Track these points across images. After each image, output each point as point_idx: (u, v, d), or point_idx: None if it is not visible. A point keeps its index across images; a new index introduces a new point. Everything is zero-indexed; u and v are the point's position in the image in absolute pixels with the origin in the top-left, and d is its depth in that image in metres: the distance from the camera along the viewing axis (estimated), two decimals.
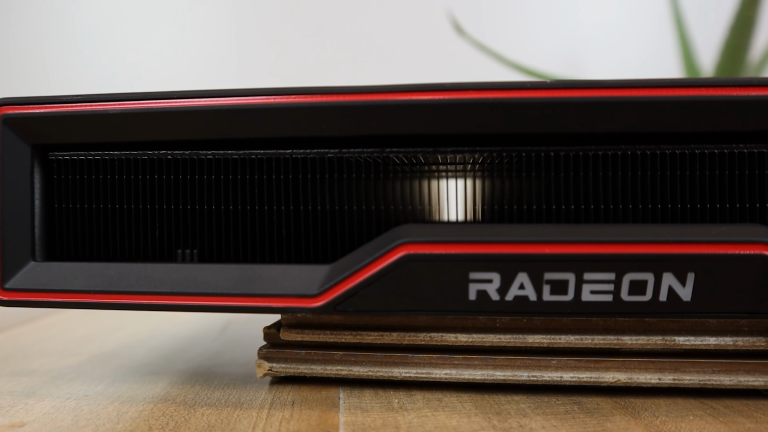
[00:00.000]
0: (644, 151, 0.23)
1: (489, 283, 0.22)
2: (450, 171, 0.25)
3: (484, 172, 0.24)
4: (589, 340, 0.24)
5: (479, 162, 0.24)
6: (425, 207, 0.24)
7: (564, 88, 0.22)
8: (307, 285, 0.23)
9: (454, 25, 0.72)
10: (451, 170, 0.25)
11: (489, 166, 0.24)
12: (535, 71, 0.77)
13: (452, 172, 0.25)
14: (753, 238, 0.21)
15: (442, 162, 0.24)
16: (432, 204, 0.24)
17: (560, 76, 0.87)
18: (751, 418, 0.23)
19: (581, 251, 0.21)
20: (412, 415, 0.23)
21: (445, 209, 0.25)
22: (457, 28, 0.72)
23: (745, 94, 0.22)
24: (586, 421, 0.22)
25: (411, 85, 0.22)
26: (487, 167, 0.24)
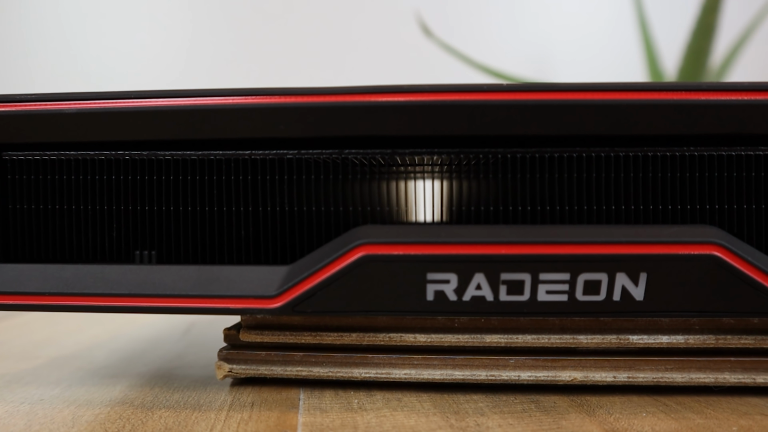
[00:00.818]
0: (599, 154, 0.23)
1: (446, 284, 0.22)
2: (410, 172, 0.25)
3: (443, 174, 0.24)
4: (545, 340, 0.25)
5: (440, 164, 0.24)
6: (385, 208, 0.24)
7: (518, 91, 0.22)
8: (266, 286, 0.23)
9: (422, 27, 0.73)
10: (411, 171, 0.25)
11: (450, 168, 0.24)
12: (503, 73, 0.78)
13: (412, 173, 0.25)
14: (703, 239, 0.22)
15: (402, 163, 0.24)
16: (392, 205, 0.24)
17: (528, 79, 0.88)
18: (701, 414, 0.23)
19: (536, 252, 0.22)
20: (371, 415, 0.23)
21: (407, 210, 0.25)
22: (424, 30, 0.72)
23: (695, 99, 0.22)
24: (542, 420, 0.23)
25: (367, 87, 0.22)
26: (447, 169, 0.24)
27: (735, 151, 0.23)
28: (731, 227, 0.23)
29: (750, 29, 0.83)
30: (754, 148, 0.23)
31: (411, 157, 0.24)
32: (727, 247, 0.22)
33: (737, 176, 0.23)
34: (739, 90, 0.22)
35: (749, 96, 0.22)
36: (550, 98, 0.22)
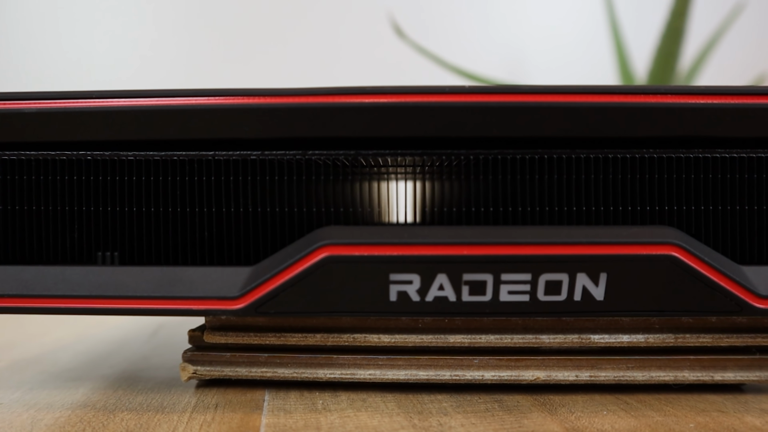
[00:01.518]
0: (560, 156, 0.24)
1: (409, 285, 0.22)
2: (376, 173, 0.25)
3: (407, 175, 0.25)
4: (508, 340, 0.25)
5: (405, 165, 0.24)
6: (349, 209, 0.24)
7: (480, 93, 0.22)
8: (229, 287, 0.23)
9: (395, 28, 0.73)
10: (376, 173, 0.25)
11: (415, 170, 0.25)
12: (476, 75, 0.78)
13: (377, 174, 0.25)
14: (661, 240, 0.22)
15: (367, 165, 0.25)
16: (356, 206, 0.24)
17: (502, 81, 0.89)
18: (660, 411, 0.24)
19: (498, 253, 0.22)
20: (335, 415, 0.23)
21: (373, 211, 0.25)
22: (397, 31, 0.72)
23: (653, 102, 0.23)
24: (505, 419, 0.23)
25: (330, 89, 0.22)
26: (413, 170, 0.25)
27: (692, 153, 0.24)
28: (689, 228, 0.24)
29: (718, 34, 0.84)
30: (711, 150, 0.24)
31: (375, 159, 0.24)
32: (685, 247, 0.22)
33: (695, 178, 0.24)
34: (696, 94, 0.23)
35: (706, 99, 0.23)
36: (511, 100, 0.22)
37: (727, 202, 0.24)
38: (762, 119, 0.23)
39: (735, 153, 0.24)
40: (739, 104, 0.23)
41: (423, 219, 0.24)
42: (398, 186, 0.25)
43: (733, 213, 0.24)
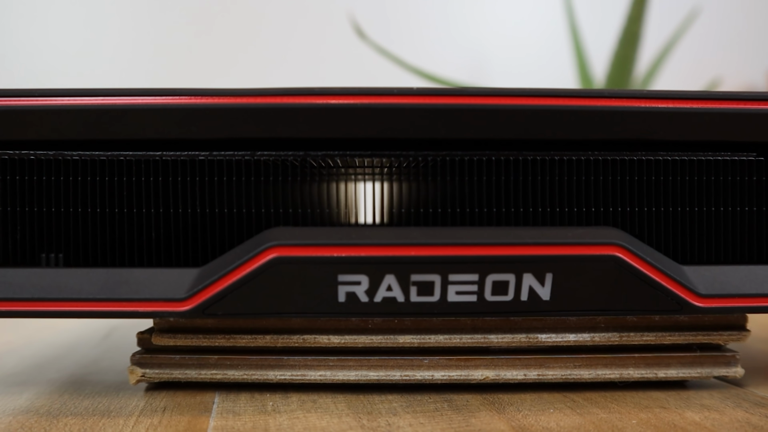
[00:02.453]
0: (507, 158, 0.24)
1: (357, 285, 0.22)
2: (325, 174, 0.25)
3: (356, 176, 0.25)
4: (457, 340, 0.25)
5: (355, 166, 0.24)
6: (298, 210, 0.24)
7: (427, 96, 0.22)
8: (176, 289, 0.23)
9: (356, 29, 0.73)
10: (326, 173, 0.25)
11: (364, 170, 0.25)
12: (437, 77, 0.79)
13: (326, 175, 0.25)
14: (605, 240, 0.23)
15: (317, 165, 0.24)
16: (305, 207, 0.24)
17: (463, 83, 0.90)
18: (605, 408, 0.24)
19: (445, 253, 0.22)
20: (284, 417, 0.23)
21: (324, 212, 0.25)
22: (358, 32, 0.72)
23: (599, 105, 0.23)
24: (453, 418, 0.23)
25: (278, 90, 0.22)
26: (363, 171, 0.25)
27: (636, 156, 0.24)
28: (633, 229, 0.24)
29: (674, 39, 0.86)
30: (654, 153, 0.24)
31: (324, 160, 0.24)
32: (627, 248, 0.23)
33: (638, 180, 0.24)
34: (639, 98, 0.23)
35: (649, 104, 0.23)
36: (457, 103, 0.22)
37: (669, 204, 0.24)
38: (702, 123, 0.24)
39: (677, 156, 0.24)
40: (680, 108, 0.23)
41: (380, 220, 0.25)
42: (348, 187, 0.25)
43: (675, 214, 0.24)
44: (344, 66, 0.91)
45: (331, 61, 0.92)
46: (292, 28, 0.93)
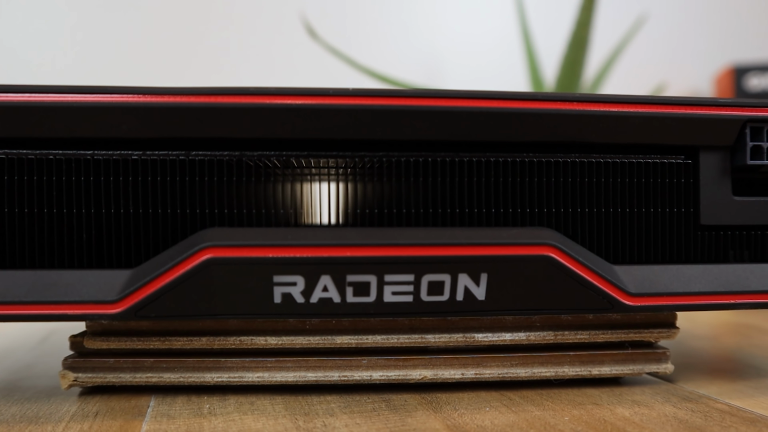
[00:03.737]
0: (444, 159, 0.24)
1: (293, 286, 0.22)
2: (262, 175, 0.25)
3: (294, 176, 0.25)
4: (395, 340, 0.25)
5: (293, 166, 0.24)
6: (233, 210, 0.24)
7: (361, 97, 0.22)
8: (107, 291, 0.22)
9: (307, 28, 0.73)
10: (262, 174, 0.25)
11: (302, 171, 0.25)
12: (390, 78, 0.79)
13: (263, 175, 0.25)
14: (538, 241, 0.23)
15: (255, 166, 0.24)
16: (243, 207, 0.24)
17: (417, 84, 0.90)
18: (540, 406, 0.25)
19: (380, 254, 0.22)
20: (220, 419, 0.23)
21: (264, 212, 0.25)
22: (309, 31, 0.72)
23: (533, 108, 0.24)
24: (390, 418, 0.23)
25: (213, 89, 0.22)
26: (301, 172, 0.25)
27: (570, 158, 0.25)
28: (566, 230, 0.25)
29: (622, 44, 0.88)
30: (587, 155, 0.25)
31: (261, 160, 0.24)
32: (560, 248, 0.23)
33: (572, 182, 0.25)
34: (572, 101, 0.24)
35: (581, 107, 0.24)
36: (390, 104, 0.22)
37: (601, 205, 0.25)
38: (632, 126, 0.24)
39: (609, 158, 0.25)
40: (611, 112, 0.24)
41: (320, 221, 0.24)
42: (288, 187, 0.25)
43: (607, 215, 0.25)
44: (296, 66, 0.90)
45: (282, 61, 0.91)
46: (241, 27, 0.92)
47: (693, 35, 1.09)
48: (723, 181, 0.26)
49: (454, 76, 1.00)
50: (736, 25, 1.11)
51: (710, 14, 1.10)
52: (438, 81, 0.98)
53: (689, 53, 1.09)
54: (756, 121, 0.25)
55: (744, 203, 0.26)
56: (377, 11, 0.98)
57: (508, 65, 0.99)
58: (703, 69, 1.08)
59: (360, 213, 0.24)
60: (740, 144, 0.25)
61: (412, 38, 0.99)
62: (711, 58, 1.08)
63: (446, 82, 0.98)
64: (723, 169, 0.26)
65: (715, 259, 0.26)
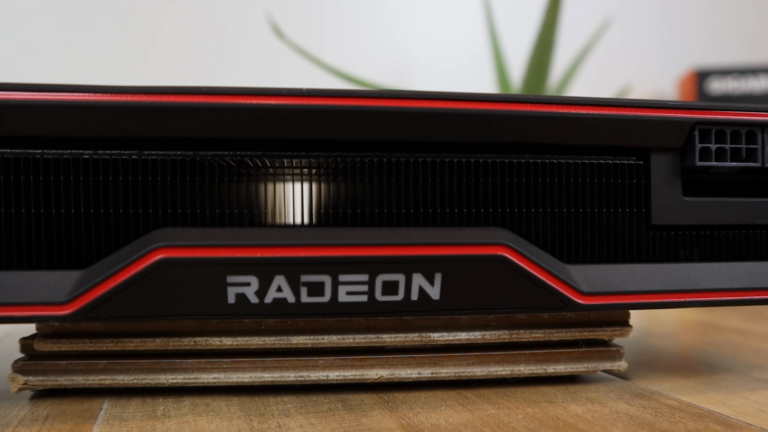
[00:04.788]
0: (399, 159, 0.24)
1: (247, 287, 0.22)
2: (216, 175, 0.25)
3: (249, 176, 0.24)
4: (351, 340, 0.25)
5: (247, 166, 0.24)
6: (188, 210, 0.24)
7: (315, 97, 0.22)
8: (56, 292, 0.22)
9: (273, 28, 0.72)
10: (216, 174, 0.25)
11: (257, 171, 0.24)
12: (358, 78, 0.79)
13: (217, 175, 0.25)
14: (492, 241, 0.23)
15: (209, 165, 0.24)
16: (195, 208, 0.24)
17: (385, 85, 0.90)
18: (495, 404, 0.25)
19: (334, 254, 0.22)
20: (173, 421, 0.23)
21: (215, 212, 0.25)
22: (276, 31, 0.72)
23: (487, 109, 0.24)
24: (345, 418, 0.23)
25: (165, 88, 0.22)
26: (257, 171, 0.24)
27: (524, 158, 0.25)
28: (521, 230, 0.25)
29: (588, 47, 0.89)
30: (541, 156, 0.25)
31: (214, 159, 0.23)
32: (514, 248, 0.23)
33: (526, 182, 0.25)
34: (526, 102, 0.24)
35: (535, 108, 0.24)
36: (344, 104, 0.22)
37: (555, 205, 0.25)
38: (585, 127, 0.25)
39: (562, 159, 0.25)
40: (565, 113, 0.24)
41: (276, 221, 0.24)
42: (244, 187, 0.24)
43: (561, 215, 0.25)
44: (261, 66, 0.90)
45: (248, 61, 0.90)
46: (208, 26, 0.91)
47: (658, 38, 1.11)
48: (673, 182, 0.26)
49: (423, 78, 1.00)
50: (700, 28, 1.13)
51: (675, 18, 1.13)
52: (407, 82, 0.99)
53: (654, 56, 1.11)
54: (704, 123, 0.26)
55: (694, 204, 0.26)
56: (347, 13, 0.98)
57: (477, 66, 1.00)
58: (667, 72, 1.10)
59: (316, 213, 0.24)
60: (689, 146, 0.26)
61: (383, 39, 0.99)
62: (675, 62, 1.10)
63: (415, 83, 0.99)
64: (673, 170, 0.26)
65: (666, 258, 0.26)
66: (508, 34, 0.94)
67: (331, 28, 0.96)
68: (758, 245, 0.28)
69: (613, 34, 1.00)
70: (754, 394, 0.27)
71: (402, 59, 1.00)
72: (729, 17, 1.14)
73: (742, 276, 0.27)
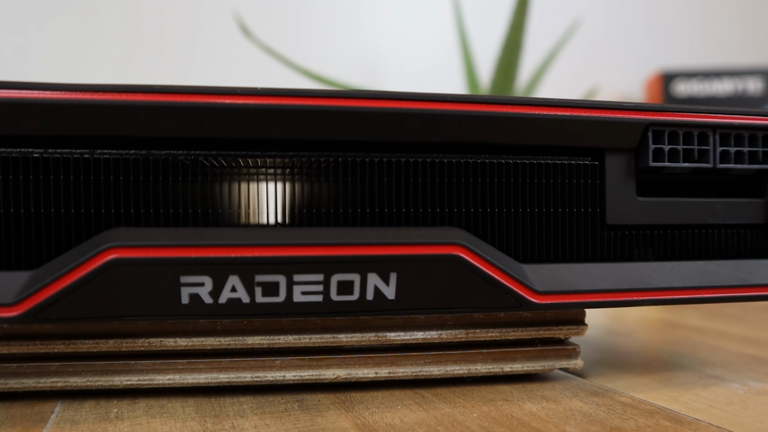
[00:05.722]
0: (354, 159, 0.24)
1: (201, 287, 0.22)
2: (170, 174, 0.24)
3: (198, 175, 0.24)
4: (307, 339, 0.25)
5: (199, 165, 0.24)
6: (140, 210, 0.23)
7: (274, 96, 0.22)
8: (4, 293, 0.21)
9: (240, 27, 0.72)
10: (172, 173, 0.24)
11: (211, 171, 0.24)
12: (326, 78, 0.79)
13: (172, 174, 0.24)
14: (447, 240, 0.24)
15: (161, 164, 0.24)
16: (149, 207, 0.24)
17: (355, 85, 0.90)
18: (451, 403, 0.25)
19: (289, 254, 0.22)
20: (126, 424, 0.23)
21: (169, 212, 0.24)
22: (243, 30, 0.71)
23: (442, 109, 0.24)
24: (300, 418, 0.23)
25: (111, 86, 0.22)
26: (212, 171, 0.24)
27: (480, 159, 0.25)
28: (477, 229, 0.25)
29: (557, 48, 0.90)
30: (497, 156, 0.25)
31: (167, 158, 0.23)
32: (469, 247, 0.24)
33: (482, 182, 0.25)
34: (482, 103, 0.24)
35: (491, 109, 0.24)
36: (300, 103, 0.22)
37: (511, 205, 0.25)
38: (541, 128, 0.25)
39: (518, 159, 0.25)
40: (521, 114, 0.25)
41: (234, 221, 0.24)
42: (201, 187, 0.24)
43: (516, 215, 0.25)
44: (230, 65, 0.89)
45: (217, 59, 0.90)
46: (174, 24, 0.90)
47: (625, 41, 1.13)
48: (628, 182, 0.27)
49: (393, 78, 1.00)
50: (667, 31, 1.15)
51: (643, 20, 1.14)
52: (378, 83, 0.99)
53: (622, 59, 1.13)
54: (657, 124, 0.26)
55: (648, 203, 0.27)
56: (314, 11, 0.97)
57: (448, 67, 1.00)
58: (634, 74, 1.12)
59: (272, 213, 0.24)
60: (643, 147, 0.26)
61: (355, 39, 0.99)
62: (642, 64, 1.12)
63: (386, 84, 0.99)
64: (628, 170, 0.27)
65: (621, 257, 0.27)
66: (478, 35, 0.95)
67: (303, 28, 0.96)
68: (710, 245, 0.28)
69: (581, 36, 1.01)
70: (705, 390, 0.27)
71: (373, 60, 1.00)
72: (696, 20, 1.17)
73: (694, 275, 0.27)
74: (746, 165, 0.27)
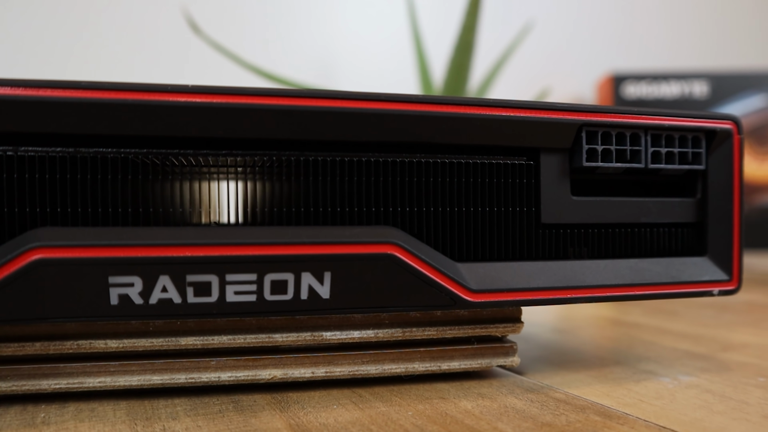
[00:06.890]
0: (288, 158, 0.24)
1: (130, 287, 0.22)
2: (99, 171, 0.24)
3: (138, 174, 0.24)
4: (242, 340, 0.25)
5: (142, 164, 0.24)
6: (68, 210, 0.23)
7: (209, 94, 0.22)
8: None
9: (189, 23, 0.71)
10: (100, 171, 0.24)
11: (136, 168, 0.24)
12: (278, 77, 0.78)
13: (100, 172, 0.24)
14: (382, 239, 0.24)
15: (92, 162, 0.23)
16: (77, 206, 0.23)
17: (308, 85, 0.90)
18: (388, 402, 0.25)
19: (220, 253, 0.22)
20: (53, 428, 0.22)
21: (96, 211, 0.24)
22: (192, 27, 0.70)
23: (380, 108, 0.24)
24: (234, 419, 0.23)
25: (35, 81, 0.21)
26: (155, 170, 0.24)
27: (415, 158, 0.25)
28: (413, 229, 0.25)
29: (509, 50, 0.92)
30: (432, 155, 0.25)
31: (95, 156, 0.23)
32: (403, 246, 0.24)
33: (417, 181, 0.25)
34: (419, 102, 0.24)
35: (426, 108, 0.25)
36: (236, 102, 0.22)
37: (446, 204, 0.26)
38: (477, 128, 0.25)
39: (454, 158, 0.26)
40: (457, 114, 0.25)
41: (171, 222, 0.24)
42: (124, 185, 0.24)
43: (452, 214, 0.26)
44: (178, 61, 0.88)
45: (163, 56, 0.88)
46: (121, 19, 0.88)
47: (578, 43, 1.15)
48: (562, 182, 0.27)
49: (347, 78, 1.00)
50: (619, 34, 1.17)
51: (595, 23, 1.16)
52: (331, 82, 0.98)
53: (574, 60, 1.15)
54: (591, 125, 0.27)
55: (582, 203, 0.27)
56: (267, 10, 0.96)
57: (401, 67, 1.00)
58: (586, 76, 1.13)
59: (205, 212, 0.24)
60: (577, 147, 0.27)
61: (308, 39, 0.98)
62: (594, 66, 1.14)
63: (340, 83, 0.99)
64: (562, 170, 0.27)
65: (556, 256, 0.27)
66: (432, 36, 0.96)
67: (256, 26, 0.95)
68: (642, 243, 0.29)
69: (534, 38, 1.03)
70: (637, 385, 0.28)
71: (327, 59, 0.99)
72: (648, 23, 1.19)
73: (626, 272, 0.28)
74: (677, 165, 0.28)
